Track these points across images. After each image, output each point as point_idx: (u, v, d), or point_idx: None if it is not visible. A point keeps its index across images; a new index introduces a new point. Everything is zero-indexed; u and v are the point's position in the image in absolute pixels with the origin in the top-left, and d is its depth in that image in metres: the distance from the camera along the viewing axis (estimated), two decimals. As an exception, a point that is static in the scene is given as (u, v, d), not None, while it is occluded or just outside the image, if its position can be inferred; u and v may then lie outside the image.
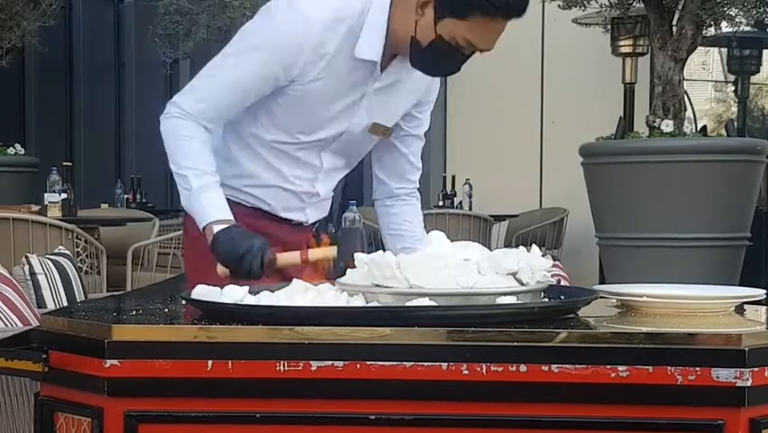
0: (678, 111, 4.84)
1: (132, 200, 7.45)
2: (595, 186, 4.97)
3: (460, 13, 1.68)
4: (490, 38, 1.72)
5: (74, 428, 1.30)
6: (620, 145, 4.85)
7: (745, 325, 1.43)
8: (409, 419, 1.22)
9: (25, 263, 2.98)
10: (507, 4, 1.67)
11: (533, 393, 1.22)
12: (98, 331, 1.28)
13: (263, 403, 1.23)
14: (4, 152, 7.13)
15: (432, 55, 1.73)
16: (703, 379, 1.21)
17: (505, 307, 1.30)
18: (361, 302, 1.33)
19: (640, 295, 1.43)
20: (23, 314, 2.51)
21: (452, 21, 1.68)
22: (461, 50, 1.71)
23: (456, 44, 1.70)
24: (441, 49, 1.71)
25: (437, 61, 1.75)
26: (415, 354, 1.22)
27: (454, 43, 1.70)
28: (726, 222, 4.72)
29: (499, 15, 1.68)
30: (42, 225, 4.23)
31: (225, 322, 1.28)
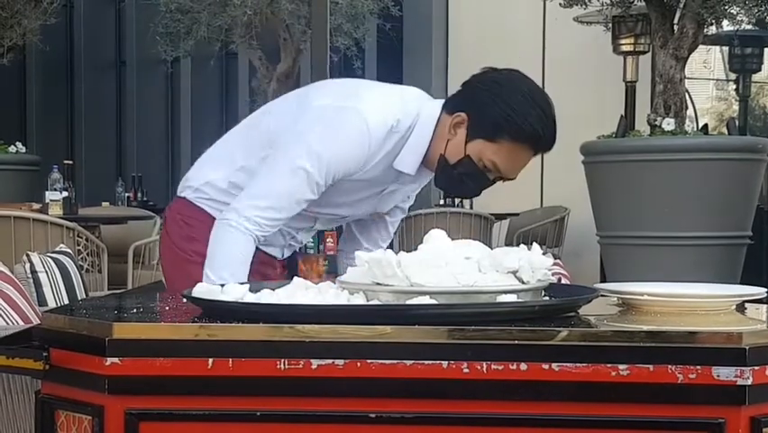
0: (679, 109, 4.83)
1: (134, 198, 7.46)
2: (596, 184, 4.96)
3: (490, 134, 1.75)
4: (515, 164, 1.79)
5: (74, 425, 1.30)
6: (621, 144, 4.85)
7: (745, 323, 1.42)
8: (410, 417, 1.22)
9: (26, 261, 2.98)
10: (537, 133, 1.74)
11: (533, 392, 1.22)
12: (99, 329, 1.28)
13: (264, 401, 1.23)
14: (6, 150, 7.13)
15: (457, 174, 1.81)
16: (704, 377, 1.21)
17: (505, 305, 1.30)
18: (361, 300, 1.33)
19: (641, 293, 1.43)
20: (24, 312, 2.52)
21: (482, 142, 1.76)
22: (487, 173, 1.79)
23: (483, 166, 1.77)
24: (467, 168, 1.78)
25: (462, 181, 1.82)
26: (415, 352, 1.22)
27: (481, 165, 1.77)
28: (728, 221, 4.71)
29: (527, 143, 1.75)
30: (44, 224, 4.23)
31: (226, 320, 1.28)
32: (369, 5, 6.74)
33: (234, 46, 6.94)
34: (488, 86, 1.79)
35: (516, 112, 1.74)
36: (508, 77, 1.81)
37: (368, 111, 1.79)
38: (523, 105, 1.74)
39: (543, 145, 1.78)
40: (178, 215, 2.00)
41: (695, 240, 4.65)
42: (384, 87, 1.94)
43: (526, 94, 1.76)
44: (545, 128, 1.76)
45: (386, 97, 1.87)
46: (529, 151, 1.78)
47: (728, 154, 4.68)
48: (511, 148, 1.76)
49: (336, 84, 2.00)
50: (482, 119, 1.76)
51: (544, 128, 1.75)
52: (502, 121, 1.74)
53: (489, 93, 1.77)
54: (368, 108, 1.79)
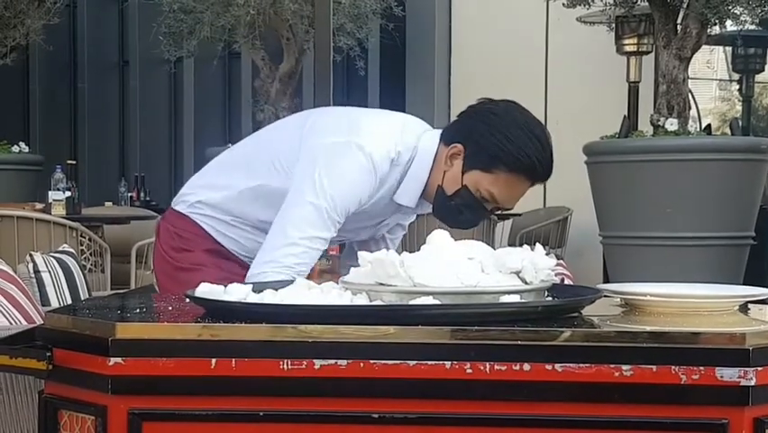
0: (682, 110, 4.83)
1: (136, 198, 7.46)
2: (599, 185, 4.96)
3: (487, 165, 1.77)
4: (512, 194, 1.80)
5: (78, 425, 1.30)
6: (624, 144, 4.84)
7: (749, 324, 1.42)
8: (413, 417, 1.22)
9: (29, 261, 2.99)
10: (534, 164, 1.74)
11: (536, 392, 1.22)
12: (102, 329, 1.28)
13: (267, 402, 1.23)
14: (9, 150, 7.14)
15: (455, 205, 1.82)
16: (707, 378, 1.21)
17: (508, 305, 1.30)
18: (364, 301, 1.33)
19: (644, 294, 1.43)
20: (27, 312, 2.52)
21: (479, 173, 1.77)
22: (484, 204, 1.80)
23: (480, 197, 1.78)
24: (464, 199, 1.79)
25: (460, 211, 1.83)
26: (418, 352, 1.22)
27: (478, 196, 1.78)
28: (731, 221, 4.71)
29: (524, 174, 1.76)
30: (47, 223, 4.24)
31: (229, 320, 1.28)
32: (372, 5, 6.74)
33: (237, 46, 6.95)
34: (484, 117, 1.81)
35: (512, 143, 1.75)
36: (505, 108, 1.82)
37: (371, 146, 1.80)
38: (519, 136, 1.75)
39: (539, 175, 1.79)
40: (172, 227, 2.00)
41: (698, 240, 4.64)
42: (383, 118, 1.94)
43: (523, 125, 1.77)
44: (542, 159, 1.76)
45: (386, 129, 1.87)
46: (526, 181, 1.80)
47: (731, 155, 4.67)
48: (508, 179, 1.77)
49: (336, 115, 1.97)
50: (479, 150, 1.77)
51: (541, 159, 1.76)
52: (499, 152, 1.75)
53: (486, 124, 1.78)
54: (371, 143, 1.81)
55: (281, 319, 1.26)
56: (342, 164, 1.80)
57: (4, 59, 7.19)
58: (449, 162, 1.81)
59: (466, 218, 1.85)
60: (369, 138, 1.81)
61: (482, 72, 7.09)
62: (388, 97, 7.96)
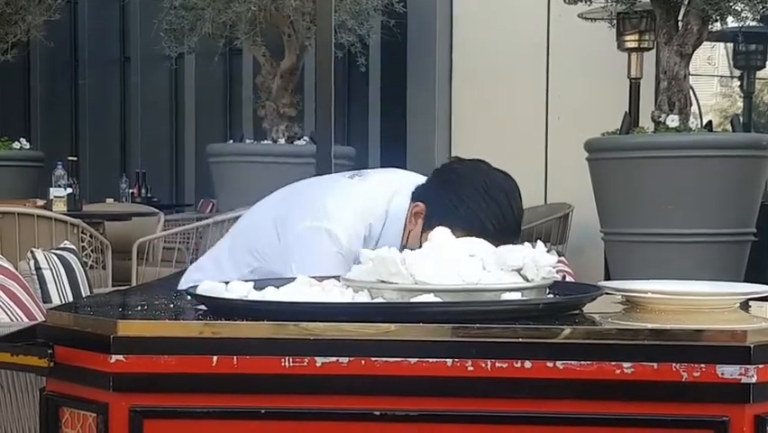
0: (683, 106, 4.82)
1: (137, 195, 7.47)
2: (600, 181, 4.96)
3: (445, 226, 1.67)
4: None
5: (79, 423, 1.30)
6: (625, 140, 4.84)
7: (750, 321, 1.42)
8: (414, 414, 1.23)
9: (30, 258, 2.99)
10: (487, 229, 1.69)
11: (537, 390, 1.22)
12: (104, 327, 1.28)
13: (268, 399, 1.23)
14: (10, 146, 7.15)
15: None
16: (708, 375, 1.21)
17: (510, 303, 1.30)
18: (366, 298, 1.33)
19: (645, 291, 1.43)
20: (29, 309, 2.52)
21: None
22: None
23: None
24: None
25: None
26: (419, 350, 1.22)
27: None
28: (732, 217, 4.71)
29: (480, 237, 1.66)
30: (48, 220, 4.24)
31: (230, 318, 1.28)
32: (373, 2, 6.73)
33: (239, 42, 6.94)
34: (444, 176, 1.79)
35: (465, 205, 1.72)
36: (470, 167, 1.80)
37: (339, 230, 1.81)
38: (474, 198, 1.72)
39: (497, 239, 1.67)
40: None
41: (699, 237, 4.64)
42: (351, 194, 1.93)
43: (481, 187, 1.73)
44: (497, 223, 1.72)
45: (355, 207, 1.88)
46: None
47: (732, 151, 4.67)
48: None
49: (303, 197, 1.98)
50: (435, 210, 1.75)
51: (496, 223, 1.72)
52: (452, 213, 1.72)
53: (444, 184, 1.77)
54: (339, 227, 1.82)
55: (283, 317, 1.26)
56: (312, 252, 1.83)
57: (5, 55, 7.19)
58: (413, 221, 1.80)
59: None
60: (337, 223, 1.83)
61: (483, 69, 7.09)
62: (389, 94, 7.96)
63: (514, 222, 1.75)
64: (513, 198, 1.77)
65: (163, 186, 8.97)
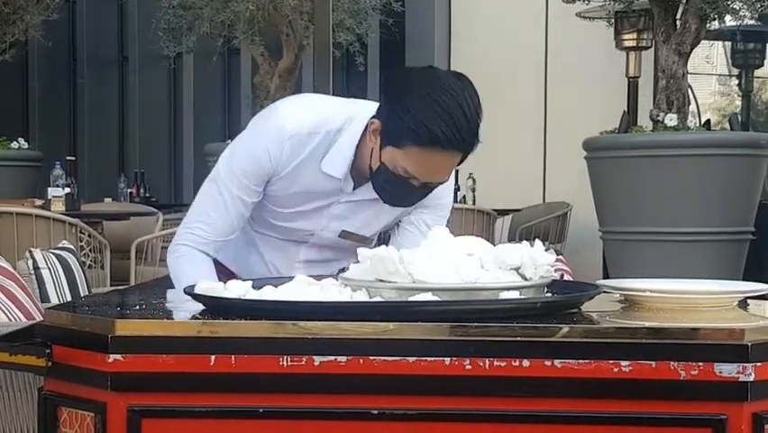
0: (682, 105, 4.82)
1: (136, 194, 7.46)
2: (598, 180, 4.96)
3: (395, 141, 1.65)
4: (430, 170, 1.66)
5: (77, 422, 1.30)
6: (624, 139, 4.84)
7: (748, 319, 1.42)
8: (412, 413, 1.23)
9: (29, 258, 2.98)
10: (436, 136, 1.59)
11: (536, 388, 1.22)
12: (101, 326, 1.28)
13: (266, 398, 1.24)
14: (8, 146, 7.14)
15: (380, 183, 1.73)
16: (706, 374, 1.21)
17: (508, 302, 1.30)
18: (364, 297, 1.33)
19: (643, 290, 1.43)
20: (27, 308, 2.52)
21: (392, 149, 1.66)
22: (409, 181, 1.68)
23: (399, 173, 1.67)
24: (385, 177, 1.70)
25: (385, 189, 1.74)
26: (418, 349, 1.22)
27: (397, 173, 1.67)
28: (730, 216, 4.71)
29: (430, 147, 1.62)
30: (46, 220, 4.23)
31: (228, 317, 1.28)
32: (371, 1, 6.73)
33: (237, 42, 6.94)
34: (389, 89, 1.71)
35: (410, 115, 1.61)
36: (415, 74, 1.67)
37: (283, 107, 1.78)
38: (419, 106, 1.60)
39: (451, 147, 1.62)
40: None
41: (697, 235, 4.64)
42: (326, 97, 1.93)
43: (426, 94, 1.60)
44: (447, 130, 1.59)
45: (316, 100, 1.86)
46: (441, 154, 1.63)
47: (731, 150, 4.67)
48: (418, 153, 1.62)
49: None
50: (388, 126, 1.67)
51: (446, 130, 1.59)
52: (400, 126, 1.63)
53: (390, 96, 1.68)
54: (284, 106, 1.79)
55: (281, 316, 1.26)
56: (251, 129, 1.81)
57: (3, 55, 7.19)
58: (373, 139, 1.70)
59: (395, 196, 1.74)
60: (290, 101, 1.81)
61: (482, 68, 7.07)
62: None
63: (466, 126, 1.61)
64: (462, 101, 1.61)
65: (162, 185, 8.96)
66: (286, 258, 1.92)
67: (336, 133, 1.76)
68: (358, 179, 1.80)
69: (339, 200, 1.83)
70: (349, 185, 1.80)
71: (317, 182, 1.79)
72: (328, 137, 1.76)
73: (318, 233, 1.88)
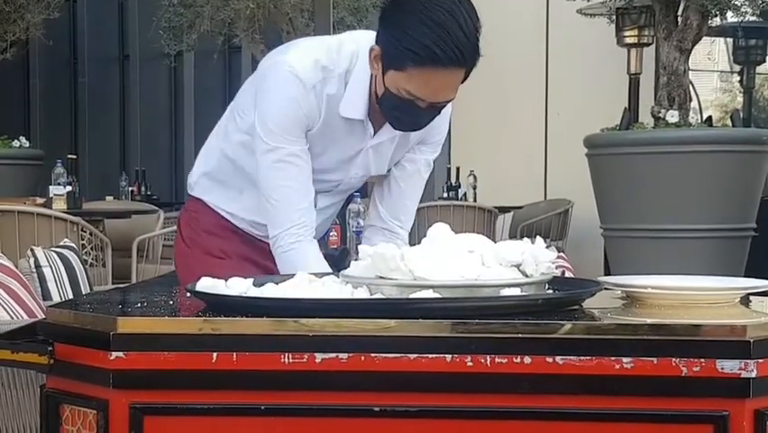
0: (683, 101, 4.82)
1: (137, 192, 7.47)
2: (600, 177, 4.96)
3: (396, 64, 1.64)
4: (434, 89, 1.65)
5: (80, 420, 1.30)
6: (625, 136, 4.84)
7: (750, 316, 1.42)
8: (414, 410, 1.23)
9: (30, 256, 2.99)
10: (434, 54, 1.58)
11: (537, 385, 1.22)
12: (103, 323, 1.28)
13: (268, 395, 1.23)
14: (9, 144, 7.15)
15: (387, 110, 1.71)
16: (708, 370, 1.21)
17: (509, 298, 1.30)
18: (365, 294, 1.33)
19: (645, 286, 1.43)
20: (29, 306, 2.52)
21: (394, 73, 1.65)
22: (415, 103, 1.67)
23: (403, 96, 1.66)
24: (391, 102, 1.69)
25: (394, 116, 1.72)
26: (419, 346, 1.22)
27: (402, 95, 1.66)
28: (732, 212, 4.70)
29: (431, 65, 1.60)
30: (48, 218, 4.24)
31: (230, 314, 1.28)
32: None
33: (237, 40, 6.94)
34: (386, 13, 1.67)
35: (407, 36, 1.58)
36: None
37: (292, 59, 1.74)
38: (414, 25, 1.58)
39: (451, 63, 1.59)
40: (185, 212, 2.02)
41: (699, 232, 4.64)
42: (325, 37, 1.89)
43: (421, 14, 1.58)
44: (445, 45, 1.56)
45: (317, 42, 1.81)
46: (443, 72, 1.61)
47: (732, 146, 4.67)
48: (420, 73, 1.60)
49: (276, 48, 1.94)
50: (387, 50, 1.64)
51: (444, 46, 1.56)
52: (398, 47, 1.61)
53: (387, 20, 1.66)
54: (292, 57, 1.75)
55: (282, 313, 1.26)
56: (267, 86, 1.76)
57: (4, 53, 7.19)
58: (374, 65, 1.68)
59: (405, 121, 1.73)
60: (291, 54, 1.76)
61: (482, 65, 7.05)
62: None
63: (465, 41, 1.59)
64: (459, 16, 1.59)
65: (163, 183, 8.97)
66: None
67: (347, 73, 1.75)
68: (376, 121, 1.79)
69: (365, 147, 1.82)
70: (369, 127, 1.79)
71: (342, 131, 1.78)
72: (341, 80, 1.75)
73: (345, 181, 1.89)
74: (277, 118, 1.74)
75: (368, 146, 1.82)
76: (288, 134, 1.74)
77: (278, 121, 1.74)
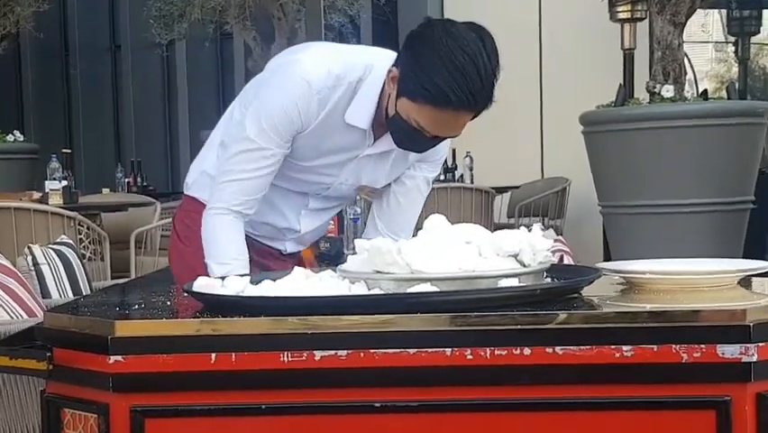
0: (678, 76, 4.79)
1: (133, 184, 7.44)
2: (596, 154, 4.94)
3: (410, 95, 1.64)
4: (441, 127, 1.66)
5: (81, 423, 1.30)
6: (620, 112, 4.81)
7: (750, 298, 1.42)
8: (414, 405, 1.22)
9: (28, 254, 2.98)
10: (447, 98, 1.59)
11: (537, 376, 1.22)
12: (101, 328, 1.27)
13: (268, 394, 1.23)
14: (3, 139, 7.12)
15: (395, 130, 1.72)
16: (708, 356, 1.21)
17: (507, 290, 1.29)
18: (362, 289, 1.33)
19: (643, 272, 1.43)
20: (28, 305, 2.52)
21: (407, 101, 1.65)
22: (421, 132, 1.67)
23: (413, 125, 1.67)
24: (398, 126, 1.69)
25: (400, 137, 1.73)
26: (418, 340, 1.22)
27: (410, 124, 1.67)
28: (729, 186, 4.69)
29: (442, 106, 1.61)
30: (44, 214, 4.23)
31: (227, 314, 1.27)
32: (362, -19, 6.69)
33: (229, 27, 6.90)
34: (411, 41, 1.67)
35: (426, 75, 1.59)
36: (437, 29, 1.63)
37: (307, 63, 1.74)
38: (434, 66, 1.58)
39: (462, 107, 1.61)
40: (181, 211, 2.01)
41: (697, 207, 4.63)
42: (342, 45, 1.89)
43: (444, 53, 1.58)
44: (462, 93, 1.58)
45: (334, 48, 1.82)
46: (454, 114, 1.62)
47: (729, 120, 4.65)
48: (430, 111, 1.62)
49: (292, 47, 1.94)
50: (405, 78, 1.65)
51: (459, 91, 1.58)
52: (417, 82, 1.62)
53: (409, 50, 1.66)
54: (308, 57, 1.75)
55: (280, 312, 1.25)
56: (274, 80, 1.76)
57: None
58: (391, 85, 1.69)
59: (408, 143, 1.74)
60: (307, 54, 1.76)
61: (476, 44, 7.03)
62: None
63: (479, 87, 1.59)
64: (479, 61, 1.59)
65: (159, 174, 8.95)
66: (293, 206, 1.92)
67: (358, 82, 1.75)
68: (377, 131, 1.79)
69: (360, 154, 1.82)
70: (370, 137, 1.80)
71: (341, 135, 1.78)
72: (350, 88, 1.75)
73: (335, 186, 1.88)
74: (272, 117, 1.74)
75: (363, 154, 1.82)
76: (274, 134, 1.74)
77: (271, 121, 1.74)
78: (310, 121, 1.75)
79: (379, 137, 1.80)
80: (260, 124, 1.74)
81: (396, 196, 1.93)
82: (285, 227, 1.93)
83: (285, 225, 1.93)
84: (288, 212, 1.92)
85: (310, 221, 1.94)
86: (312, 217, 1.93)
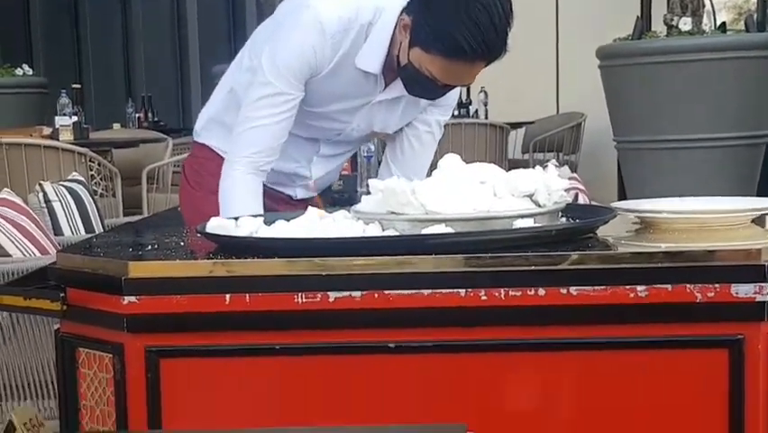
0: (696, 8, 4.70)
1: (144, 119, 7.40)
2: (613, 89, 4.88)
3: (423, 44, 1.62)
4: (454, 76, 1.65)
5: (96, 363, 1.32)
6: (638, 46, 4.73)
7: (764, 238, 1.40)
8: (429, 345, 1.23)
9: (40, 191, 2.99)
10: (462, 49, 1.57)
11: (552, 316, 1.22)
12: (115, 268, 1.27)
13: (282, 335, 1.24)
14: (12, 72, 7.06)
15: (407, 79, 1.70)
16: (722, 295, 1.21)
17: (522, 230, 1.28)
18: (377, 230, 1.32)
19: (659, 211, 1.41)
20: (41, 243, 2.53)
21: (420, 51, 1.64)
22: (434, 81, 1.66)
23: (425, 74, 1.65)
24: (410, 74, 1.68)
25: (410, 86, 1.72)
26: (432, 281, 1.22)
27: (422, 73, 1.65)
28: (747, 120, 4.63)
29: (454, 57, 1.60)
30: (55, 150, 4.21)
31: (241, 255, 1.27)
32: None
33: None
34: None
35: (441, 24, 1.58)
36: None
37: (321, 7, 1.72)
38: (451, 16, 1.57)
39: (476, 58, 1.60)
40: (191, 158, 2.01)
41: (714, 141, 4.58)
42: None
43: (458, 3, 1.57)
44: (477, 44, 1.56)
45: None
46: (467, 64, 1.61)
47: (747, 52, 4.57)
48: (443, 61, 1.61)
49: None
50: (417, 27, 1.64)
51: (476, 44, 1.56)
52: (430, 32, 1.61)
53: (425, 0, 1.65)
54: (321, 5, 1.73)
55: (294, 253, 1.25)
56: (288, 24, 1.75)
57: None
58: (402, 33, 1.68)
59: (419, 91, 1.74)
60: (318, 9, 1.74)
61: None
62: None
63: (494, 37, 1.58)
64: (493, 9, 1.58)
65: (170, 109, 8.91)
66: (305, 153, 1.92)
67: (369, 26, 1.73)
68: (388, 76, 1.78)
69: (372, 100, 1.82)
70: (381, 83, 1.79)
71: (353, 80, 1.77)
72: (362, 31, 1.73)
73: (347, 132, 1.88)
74: (288, 59, 1.72)
75: (375, 100, 1.81)
76: (291, 77, 1.73)
77: (287, 62, 1.72)
78: (324, 65, 1.73)
79: (389, 83, 1.79)
80: (277, 69, 1.72)
81: (409, 140, 1.92)
82: (296, 173, 1.92)
83: (296, 172, 1.92)
84: (300, 158, 1.91)
85: (321, 167, 1.93)
86: (323, 163, 1.93)
